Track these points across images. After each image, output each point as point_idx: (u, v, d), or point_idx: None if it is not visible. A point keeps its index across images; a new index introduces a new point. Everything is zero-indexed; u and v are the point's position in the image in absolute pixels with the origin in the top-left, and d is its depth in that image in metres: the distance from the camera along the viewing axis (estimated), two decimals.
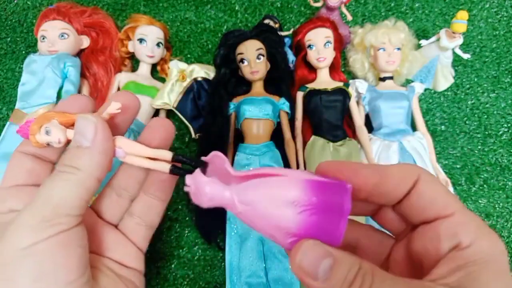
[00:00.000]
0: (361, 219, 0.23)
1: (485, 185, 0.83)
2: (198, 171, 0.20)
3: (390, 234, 0.22)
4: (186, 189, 0.20)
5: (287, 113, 0.80)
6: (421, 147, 0.79)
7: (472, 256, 0.16)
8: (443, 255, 0.17)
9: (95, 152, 0.21)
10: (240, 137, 0.79)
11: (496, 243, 0.16)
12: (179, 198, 0.79)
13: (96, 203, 0.26)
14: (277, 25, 0.89)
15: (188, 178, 0.20)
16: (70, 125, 0.22)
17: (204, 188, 0.19)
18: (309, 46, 0.83)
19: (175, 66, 0.84)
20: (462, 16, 0.81)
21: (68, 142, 0.22)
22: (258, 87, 0.81)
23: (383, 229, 0.22)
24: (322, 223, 0.18)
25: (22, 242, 0.18)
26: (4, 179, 0.22)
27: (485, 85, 0.91)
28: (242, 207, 0.19)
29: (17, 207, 0.21)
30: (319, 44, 0.82)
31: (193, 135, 0.83)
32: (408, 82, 0.90)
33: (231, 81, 0.83)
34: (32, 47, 0.91)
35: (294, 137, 0.80)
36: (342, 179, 0.19)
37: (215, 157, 0.21)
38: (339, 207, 0.18)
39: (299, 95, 0.83)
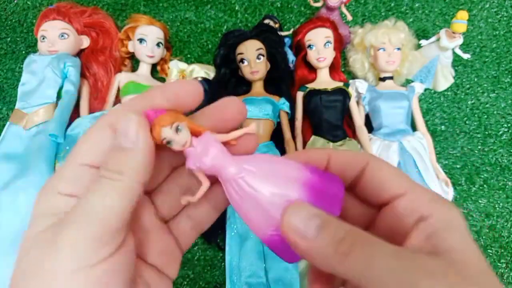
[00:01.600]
0: None
1: (485, 185, 0.83)
2: (208, 133, 0.20)
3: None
4: (190, 150, 0.19)
5: (287, 113, 0.80)
6: (421, 147, 0.79)
7: (436, 224, 0.17)
8: (410, 230, 0.18)
9: (141, 153, 0.18)
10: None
11: (451, 208, 0.18)
12: None
13: (155, 196, 0.23)
14: (277, 25, 0.89)
15: (197, 140, 0.19)
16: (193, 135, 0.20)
17: (213, 148, 0.19)
18: (309, 46, 0.83)
19: (175, 66, 0.84)
20: (462, 16, 0.81)
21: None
22: (258, 87, 0.81)
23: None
24: (319, 202, 0.19)
25: (71, 265, 0.16)
26: (76, 151, 0.19)
27: (485, 85, 0.91)
28: (244, 172, 0.19)
29: (80, 192, 0.18)
30: (319, 44, 0.82)
31: None
32: (408, 82, 0.90)
33: (231, 81, 0.83)
34: (32, 47, 0.91)
35: (294, 137, 0.80)
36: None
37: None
38: (335, 194, 0.19)
39: (299, 95, 0.83)
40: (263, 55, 0.79)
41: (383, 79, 0.85)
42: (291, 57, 0.88)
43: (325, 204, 0.19)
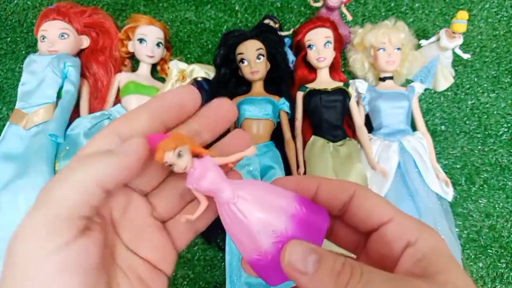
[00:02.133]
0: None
1: (485, 185, 0.83)
2: (209, 157, 0.21)
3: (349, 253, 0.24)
4: (190, 170, 0.21)
5: (287, 113, 0.80)
6: (421, 147, 0.79)
7: (424, 249, 0.18)
8: (399, 255, 0.19)
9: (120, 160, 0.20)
10: None
11: (436, 236, 0.19)
12: None
13: (153, 199, 0.24)
14: (277, 25, 0.89)
15: (197, 161, 0.21)
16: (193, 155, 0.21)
17: (211, 173, 0.20)
18: (309, 46, 0.83)
19: (175, 66, 0.84)
20: (462, 16, 0.81)
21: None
22: (258, 87, 0.81)
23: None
24: (304, 232, 0.20)
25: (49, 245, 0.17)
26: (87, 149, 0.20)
27: (485, 85, 0.91)
28: (237, 199, 0.20)
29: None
30: (319, 44, 0.82)
31: None
32: (408, 82, 0.90)
33: (231, 81, 0.83)
34: (32, 47, 0.91)
35: (294, 137, 0.80)
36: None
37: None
38: (319, 225, 0.20)
39: (299, 95, 0.83)
40: (263, 55, 0.79)
41: (383, 79, 0.85)
42: (291, 57, 0.88)
43: (308, 236, 0.20)
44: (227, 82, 0.83)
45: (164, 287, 0.23)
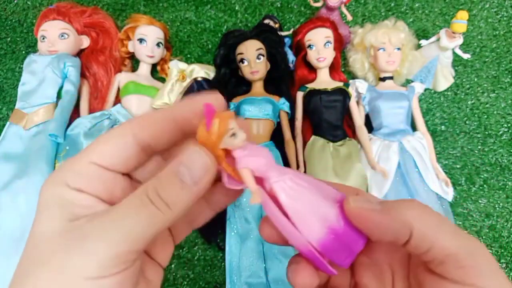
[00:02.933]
0: None
1: (485, 185, 0.83)
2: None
3: None
4: (238, 150, 0.19)
5: (287, 113, 0.80)
6: (421, 147, 0.79)
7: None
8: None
9: (194, 194, 0.18)
10: None
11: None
12: None
13: None
14: (277, 25, 0.89)
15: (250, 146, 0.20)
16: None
17: (260, 151, 0.20)
18: (309, 46, 0.83)
19: (175, 66, 0.84)
20: (462, 16, 0.81)
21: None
22: (258, 87, 0.81)
23: None
24: (335, 250, 0.19)
25: (89, 273, 0.16)
26: (92, 149, 0.19)
27: (485, 85, 0.91)
28: (288, 184, 0.19)
29: (89, 189, 0.19)
30: (319, 44, 0.82)
31: None
32: (408, 82, 0.90)
33: (231, 81, 0.83)
34: (32, 47, 0.91)
35: (294, 137, 0.80)
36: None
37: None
38: (352, 248, 0.20)
39: (299, 95, 0.83)
40: (263, 55, 0.79)
41: (383, 79, 0.85)
42: (291, 57, 0.88)
43: (338, 254, 0.19)
44: (227, 82, 0.83)
45: (160, 278, 0.23)
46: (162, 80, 0.87)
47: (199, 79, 0.84)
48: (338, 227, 0.19)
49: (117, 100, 0.84)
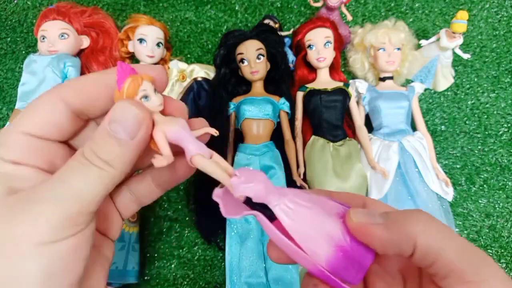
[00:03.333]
0: None
1: (485, 185, 0.83)
2: (257, 171, 0.20)
3: None
4: (233, 179, 0.19)
5: (287, 113, 0.80)
6: (421, 147, 0.79)
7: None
8: None
9: (132, 149, 0.18)
10: (240, 137, 0.79)
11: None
12: (179, 198, 0.79)
13: None
14: (277, 25, 0.89)
15: (239, 170, 0.19)
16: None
17: (257, 180, 0.19)
18: (309, 46, 0.83)
19: (175, 66, 0.84)
20: (462, 16, 0.81)
21: None
22: (258, 87, 0.81)
23: None
24: (344, 267, 0.19)
25: (40, 238, 0.16)
26: (22, 120, 0.19)
27: (485, 85, 0.91)
28: (289, 206, 0.19)
29: (25, 160, 0.18)
30: (319, 44, 0.82)
31: None
32: (408, 82, 0.90)
33: (231, 81, 0.83)
34: (32, 47, 0.91)
35: (294, 137, 0.80)
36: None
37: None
38: (362, 264, 0.19)
39: (299, 95, 0.83)
40: (263, 55, 0.79)
41: (383, 79, 0.85)
42: (291, 57, 0.88)
43: (348, 271, 0.19)
44: (227, 82, 0.82)
45: (111, 249, 0.23)
46: None
47: (199, 79, 0.84)
48: (345, 243, 0.19)
49: None
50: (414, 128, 0.83)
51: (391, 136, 0.80)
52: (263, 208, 0.19)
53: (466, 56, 0.89)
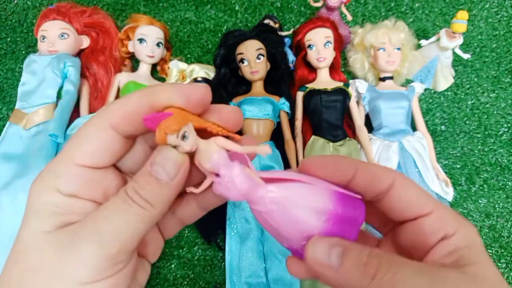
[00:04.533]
0: None
1: (485, 185, 0.83)
2: (237, 163, 0.20)
3: (377, 231, 0.24)
4: (215, 179, 0.20)
5: (287, 113, 0.80)
6: (421, 147, 0.79)
7: (459, 241, 0.18)
8: (432, 246, 0.19)
9: (171, 189, 0.19)
10: None
11: (473, 229, 0.19)
12: None
13: None
14: (277, 25, 0.89)
15: (224, 169, 0.19)
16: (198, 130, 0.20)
17: (241, 183, 0.19)
18: (309, 46, 0.83)
19: (175, 66, 0.84)
20: (462, 16, 0.81)
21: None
22: (258, 87, 0.81)
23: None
24: (340, 231, 0.20)
25: (84, 278, 0.17)
26: (74, 150, 0.19)
27: (485, 85, 0.91)
28: (270, 206, 0.19)
29: (80, 193, 0.19)
30: (319, 44, 0.82)
31: None
32: (408, 82, 0.90)
33: (231, 81, 0.83)
34: (32, 47, 0.91)
35: (294, 137, 0.80)
36: (352, 188, 0.21)
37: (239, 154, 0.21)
38: (355, 220, 0.20)
39: (299, 95, 0.83)
40: (263, 55, 0.79)
41: (383, 79, 0.85)
42: (291, 57, 0.88)
43: (344, 231, 0.20)
44: (227, 82, 0.82)
45: (147, 273, 0.23)
46: (162, 80, 0.87)
47: (199, 79, 0.84)
48: (334, 212, 0.19)
49: None
50: (414, 128, 0.83)
51: (391, 136, 0.80)
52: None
53: (466, 56, 0.89)
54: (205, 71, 0.84)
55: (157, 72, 0.89)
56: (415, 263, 0.17)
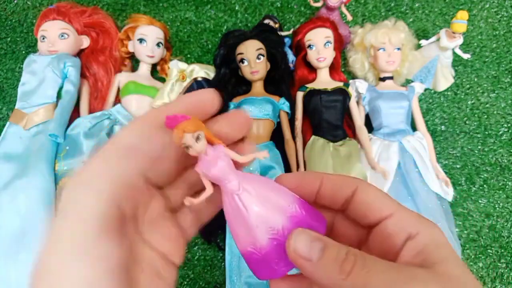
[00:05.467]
0: None
1: (485, 185, 0.83)
2: (222, 146, 0.22)
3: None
4: (202, 156, 0.21)
5: (287, 113, 0.80)
6: (421, 147, 0.79)
7: (424, 241, 0.19)
8: (400, 248, 0.20)
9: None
10: None
11: (437, 228, 0.20)
12: None
13: (167, 191, 0.24)
14: (277, 25, 0.89)
15: (210, 148, 0.21)
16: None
17: (222, 161, 0.21)
18: (309, 46, 0.83)
19: (175, 66, 0.84)
20: (462, 16, 0.81)
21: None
22: (258, 87, 0.81)
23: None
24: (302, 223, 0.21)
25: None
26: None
27: (485, 85, 0.91)
28: (241, 190, 0.21)
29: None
30: (319, 44, 0.82)
31: None
32: (408, 82, 0.90)
33: (231, 81, 0.83)
34: (32, 47, 0.91)
35: (294, 137, 0.80)
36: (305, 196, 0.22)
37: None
38: (317, 229, 0.21)
39: (299, 95, 0.83)
40: (263, 55, 0.79)
41: (383, 79, 0.85)
42: (291, 57, 0.88)
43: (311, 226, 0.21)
44: (227, 82, 0.82)
45: (174, 277, 0.23)
46: (162, 80, 0.87)
47: (199, 79, 0.84)
48: (299, 212, 0.21)
49: (117, 100, 0.84)
50: (414, 128, 0.83)
51: (391, 136, 0.80)
52: None
53: (466, 56, 0.89)
54: (205, 71, 0.84)
55: (157, 72, 0.89)
56: (387, 262, 0.18)
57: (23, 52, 0.91)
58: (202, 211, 0.25)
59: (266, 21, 0.89)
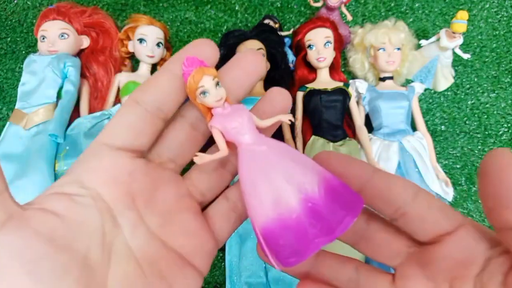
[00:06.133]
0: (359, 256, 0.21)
1: None
2: (243, 105, 0.20)
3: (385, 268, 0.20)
4: (217, 110, 0.19)
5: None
6: (421, 147, 0.79)
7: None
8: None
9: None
10: None
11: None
12: None
13: (193, 173, 0.21)
14: (277, 25, 0.89)
15: (228, 104, 0.20)
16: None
17: (243, 116, 0.19)
18: (309, 46, 0.83)
19: None
20: (462, 16, 0.81)
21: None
22: (258, 87, 0.81)
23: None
24: (309, 225, 0.17)
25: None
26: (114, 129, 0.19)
27: (485, 85, 0.91)
28: (267, 145, 0.18)
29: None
30: (319, 44, 0.82)
31: None
32: (408, 82, 0.90)
33: None
34: (32, 47, 0.91)
35: (294, 137, 0.80)
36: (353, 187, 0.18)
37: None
38: (353, 201, 0.17)
39: (299, 95, 0.83)
40: (263, 55, 0.79)
41: (383, 79, 0.85)
42: (291, 57, 0.88)
43: (313, 227, 0.16)
44: None
45: (198, 285, 0.18)
46: None
47: None
48: (318, 198, 0.17)
49: (117, 100, 0.84)
50: (414, 128, 0.83)
51: (391, 136, 0.80)
52: None
53: (466, 56, 0.89)
54: None
55: None
56: None
57: (23, 52, 0.91)
58: (212, 178, 0.21)
59: (266, 21, 0.89)
